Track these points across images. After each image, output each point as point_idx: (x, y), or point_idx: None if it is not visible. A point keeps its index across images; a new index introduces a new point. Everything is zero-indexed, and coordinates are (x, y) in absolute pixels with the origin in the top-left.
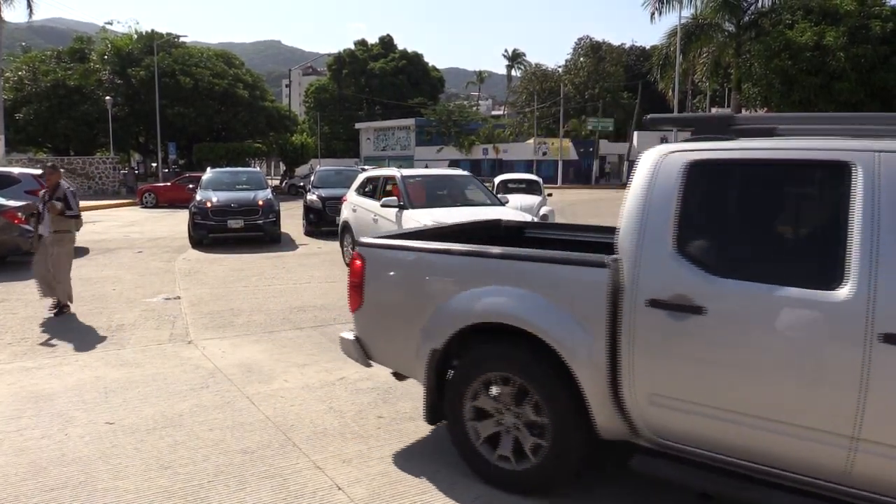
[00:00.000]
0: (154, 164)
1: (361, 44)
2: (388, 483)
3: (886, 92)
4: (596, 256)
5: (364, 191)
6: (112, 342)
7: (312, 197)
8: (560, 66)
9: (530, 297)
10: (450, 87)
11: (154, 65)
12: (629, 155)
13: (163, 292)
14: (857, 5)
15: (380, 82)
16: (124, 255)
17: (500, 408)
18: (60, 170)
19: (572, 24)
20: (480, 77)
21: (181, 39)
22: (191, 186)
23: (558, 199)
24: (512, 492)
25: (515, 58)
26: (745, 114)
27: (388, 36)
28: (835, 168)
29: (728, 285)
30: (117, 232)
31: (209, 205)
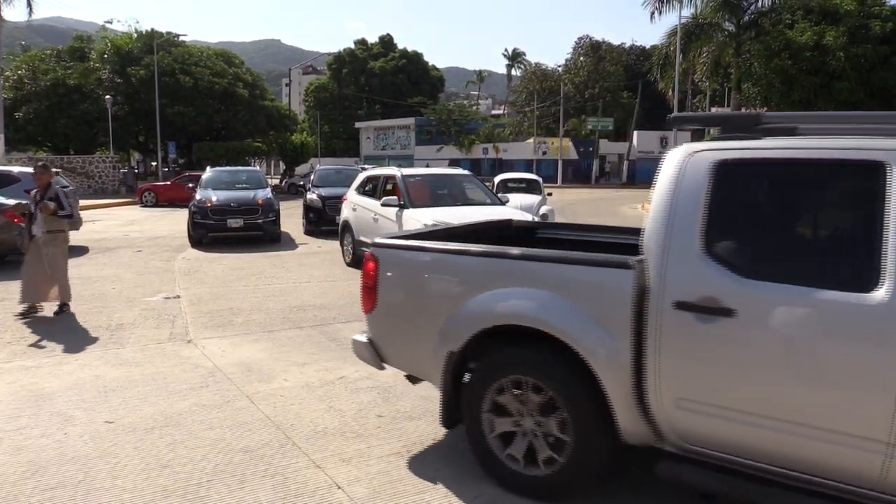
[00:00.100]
0: (154, 163)
1: (361, 43)
2: (387, 482)
3: (886, 91)
4: (620, 257)
5: (364, 190)
6: (111, 341)
7: (312, 196)
8: (560, 66)
9: (551, 299)
10: (450, 87)
11: (154, 64)
12: (629, 154)
13: (162, 291)
14: (857, 5)
15: (380, 81)
16: (124, 254)
17: (520, 411)
18: (52, 169)
19: (572, 24)
20: (480, 76)
21: (181, 38)
22: (190, 185)
23: (558, 199)
24: (531, 497)
25: (515, 57)
26: (773, 113)
27: (388, 35)
28: (869, 168)
29: (759, 287)
30: (117, 231)
31: (209, 204)
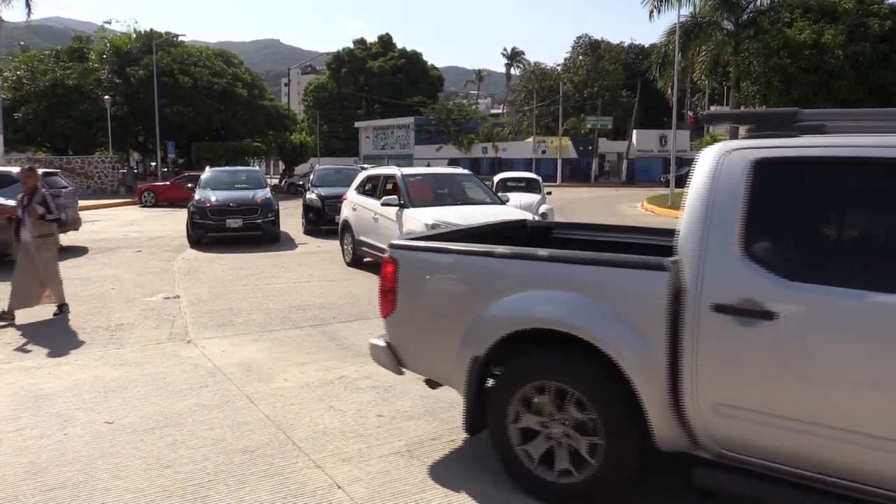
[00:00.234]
0: (153, 164)
1: (360, 42)
2: (387, 482)
3: (885, 90)
4: (654, 259)
5: (364, 189)
6: (111, 341)
7: (312, 196)
8: (559, 65)
9: (581, 302)
10: (449, 86)
11: (153, 64)
12: (628, 153)
13: (162, 291)
14: (856, 3)
15: (379, 81)
16: (123, 254)
17: (549, 418)
18: (38, 171)
19: (571, 23)
20: (479, 75)
21: (180, 38)
22: (189, 185)
23: (558, 198)
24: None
25: (514, 56)
26: (810, 110)
27: (387, 34)
28: None
29: (802, 290)
30: (116, 231)
31: (208, 204)
